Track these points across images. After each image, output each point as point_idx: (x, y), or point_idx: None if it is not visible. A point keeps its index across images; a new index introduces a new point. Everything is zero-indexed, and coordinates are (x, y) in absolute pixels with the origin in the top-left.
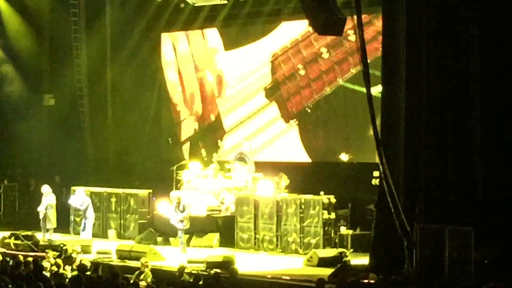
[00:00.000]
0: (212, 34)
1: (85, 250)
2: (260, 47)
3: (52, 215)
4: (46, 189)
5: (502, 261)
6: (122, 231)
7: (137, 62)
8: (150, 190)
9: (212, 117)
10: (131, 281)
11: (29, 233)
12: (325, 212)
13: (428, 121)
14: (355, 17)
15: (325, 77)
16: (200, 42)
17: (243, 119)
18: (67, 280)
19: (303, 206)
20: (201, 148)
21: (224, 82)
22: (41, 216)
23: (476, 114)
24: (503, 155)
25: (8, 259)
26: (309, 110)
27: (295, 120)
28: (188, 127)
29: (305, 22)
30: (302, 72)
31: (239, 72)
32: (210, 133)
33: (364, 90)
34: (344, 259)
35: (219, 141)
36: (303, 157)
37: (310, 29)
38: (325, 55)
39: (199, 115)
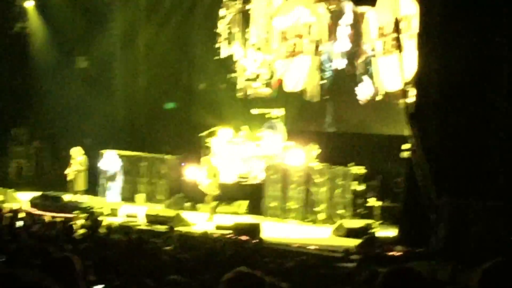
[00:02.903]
0: None
1: (113, 213)
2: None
3: (82, 177)
4: (76, 151)
5: None
6: (150, 196)
7: (170, 27)
8: (180, 156)
9: None
10: (158, 245)
11: (58, 194)
12: (355, 183)
13: (463, 94)
14: None
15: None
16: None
17: None
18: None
19: (332, 176)
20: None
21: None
22: (70, 178)
23: (508, 89)
24: None
25: (37, 219)
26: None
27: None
28: None
29: None
30: None
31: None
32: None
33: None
34: (372, 230)
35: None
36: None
37: None
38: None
39: None
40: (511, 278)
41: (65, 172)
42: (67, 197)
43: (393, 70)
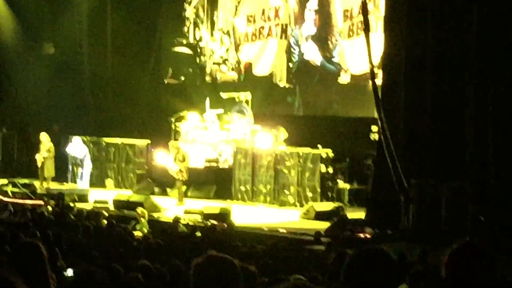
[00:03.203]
0: None
1: (83, 199)
2: None
3: (50, 163)
4: (44, 137)
5: (497, 217)
6: (119, 181)
7: (137, 11)
8: (149, 141)
9: None
10: (127, 231)
11: (27, 181)
12: (323, 165)
13: (430, 76)
14: None
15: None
16: None
17: None
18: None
19: (301, 160)
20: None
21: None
22: (39, 165)
23: (472, 72)
24: (499, 113)
25: (5, 206)
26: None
27: None
28: None
29: None
30: None
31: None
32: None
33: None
34: (341, 213)
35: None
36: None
37: None
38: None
39: None
40: (476, 259)
41: (36, 157)
42: (36, 183)
43: (360, 53)
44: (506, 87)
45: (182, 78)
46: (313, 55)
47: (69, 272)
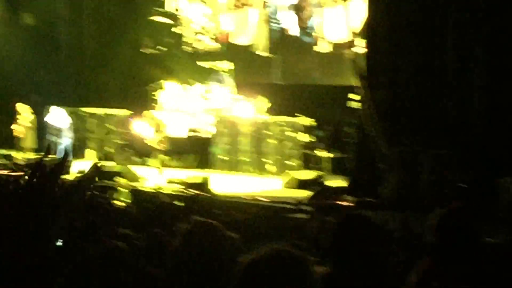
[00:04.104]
0: None
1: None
2: None
3: (31, 135)
4: (23, 107)
5: (476, 184)
6: (100, 151)
7: None
8: (129, 111)
9: None
10: (108, 201)
11: (7, 152)
12: (304, 134)
13: (410, 44)
14: None
15: None
16: None
17: None
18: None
19: (282, 129)
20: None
21: None
22: (19, 136)
23: (454, 37)
24: (483, 78)
25: None
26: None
27: None
28: None
29: None
30: None
31: None
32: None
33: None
34: (323, 181)
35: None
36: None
37: None
38: None
39: None
40: (467, 221)
41: (12, 127)
42: (17, 155)
43: (339, 21)
44: (489, 50)
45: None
46: (291, 25)
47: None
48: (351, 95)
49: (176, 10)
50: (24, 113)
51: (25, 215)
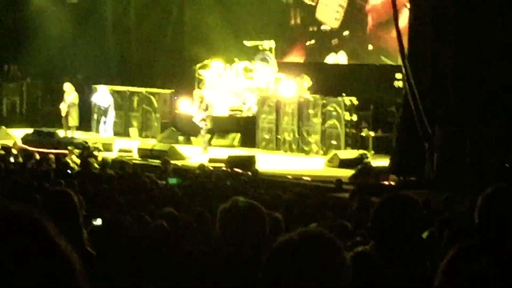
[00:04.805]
0: None
1: (107, 148)
2: None
3: (75, 113)
4: (68, 87)
5: None
6: (144, 130)
7: None
8: (172, 90)
9: None
10: (152, 179)
11: (51, 130)
12: (347, 113)
13: (457, 21)
14: None
15: None
16: None
17: None
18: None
19: (325, 108)
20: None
21: None
22: (63, 114)
23: (500, 22)
24: None
25: (30, 155)
26: None
27: None
28: None
29: None
30: None
31: None
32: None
33: None
34: (365, 160)
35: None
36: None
37: None
38: None
39: None
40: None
41: (60, 107)
42: (60, 133)
43: None
44: None
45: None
46: None
47: (98, 222)
48: (394, 74)
49: None
50: (69, 91)
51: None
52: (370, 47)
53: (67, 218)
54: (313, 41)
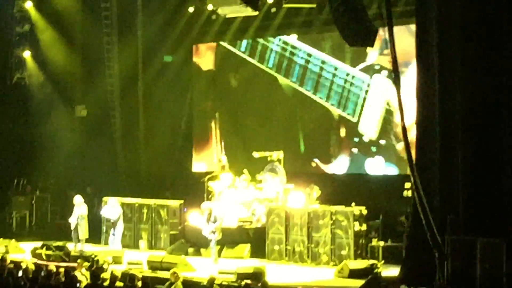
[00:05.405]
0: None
1: (117, 260)
2: None
3: (84, 225)
4: (78, 199)
5: None
6: (153, 242)
7: (168, 74)
8: (181, 201)
9: None
10: None
11: (60, 243)
12: (356, 223)
13: (464, 131)
14: (386, 28)
15: None
16: None
17: None
18: None
19: (334, 218)
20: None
21: None
22: (72, 227)
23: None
24: None
25: (39, 269)
26: None
27: None
28: None
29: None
30: None
31: None
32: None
33: None
34: (375, 270)
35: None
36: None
37: None
38: None
39: None
40: None
41: (69, 220)
42: (70, 246)
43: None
44: None
45: None
46: None
47: None
48: (402, 184)
49: None
50: (79, 204)
51: None
52: None
53: None
54: None
